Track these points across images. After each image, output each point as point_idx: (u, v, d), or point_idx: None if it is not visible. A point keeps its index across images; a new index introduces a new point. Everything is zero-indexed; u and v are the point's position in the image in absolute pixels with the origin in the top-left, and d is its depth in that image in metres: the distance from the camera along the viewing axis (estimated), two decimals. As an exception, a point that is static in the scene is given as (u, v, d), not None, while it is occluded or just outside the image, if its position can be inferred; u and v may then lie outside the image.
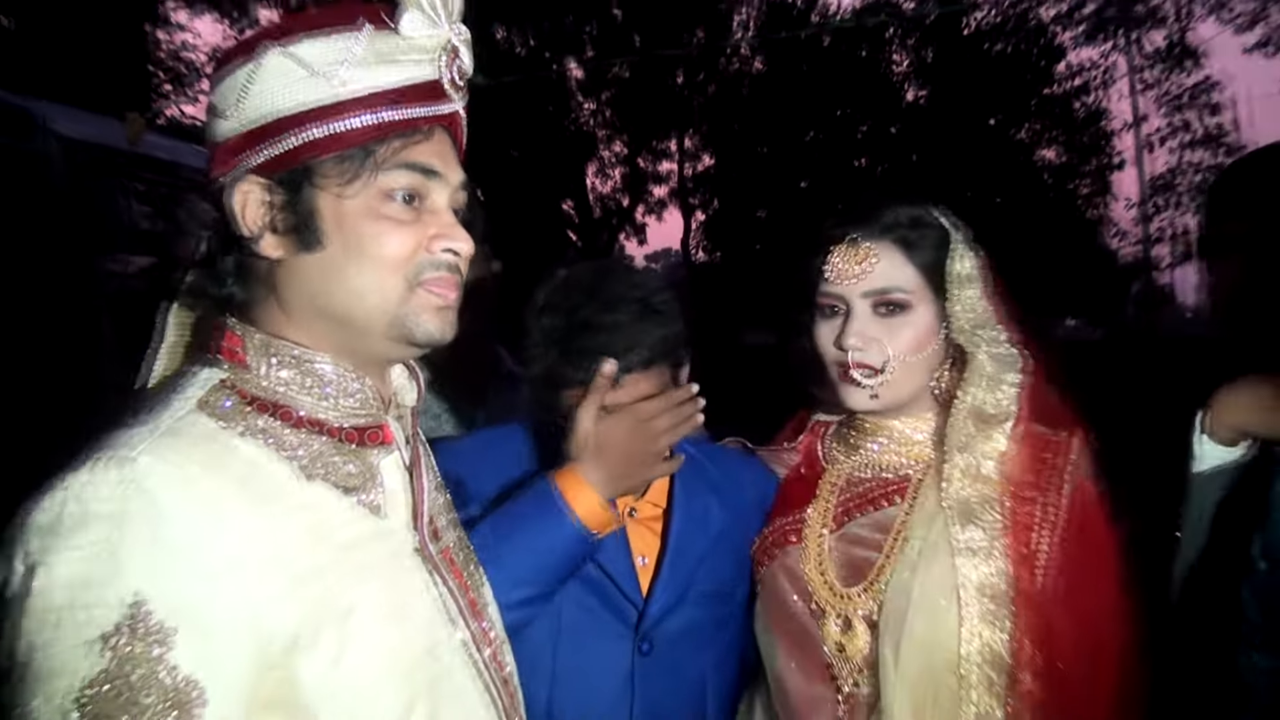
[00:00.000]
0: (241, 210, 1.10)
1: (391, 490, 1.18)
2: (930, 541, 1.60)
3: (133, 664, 0.92)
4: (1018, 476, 1.61)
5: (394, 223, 1.12)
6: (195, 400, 1.08)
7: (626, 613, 1.67)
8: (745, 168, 19.49)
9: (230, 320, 1.15)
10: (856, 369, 1.65)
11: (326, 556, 1.07)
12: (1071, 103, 18.62)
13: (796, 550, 1.72)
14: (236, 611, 0.98)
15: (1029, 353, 1.68)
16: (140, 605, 0.93)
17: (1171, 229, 16.90)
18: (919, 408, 1.73)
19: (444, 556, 1.24)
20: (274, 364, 1.12)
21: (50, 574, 0.93)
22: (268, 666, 0.99)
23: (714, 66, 19.57)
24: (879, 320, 1.65)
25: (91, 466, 0.97)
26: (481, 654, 1.23)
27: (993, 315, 1.68)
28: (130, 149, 3.45)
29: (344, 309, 1.12)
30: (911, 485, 1.70)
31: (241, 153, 1.10)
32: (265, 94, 1.09)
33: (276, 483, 1.06)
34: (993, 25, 18.06)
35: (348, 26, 1.10)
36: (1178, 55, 16.66)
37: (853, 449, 1.79)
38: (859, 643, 1.62)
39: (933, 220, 1.70)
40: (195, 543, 0.97)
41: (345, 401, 1.15)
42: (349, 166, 1.10)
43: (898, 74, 19.34)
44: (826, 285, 1.68)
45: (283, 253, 1.12)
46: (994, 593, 1.54)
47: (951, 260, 1.67)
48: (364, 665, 1.06)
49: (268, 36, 1.11)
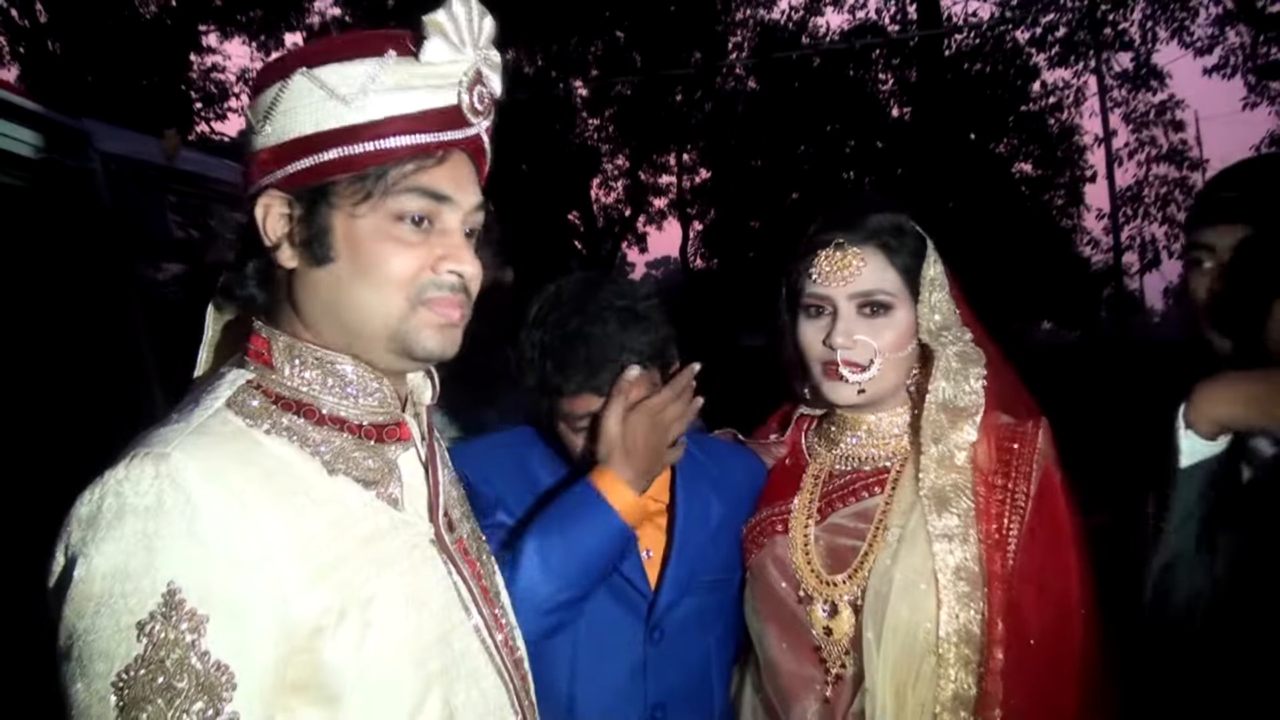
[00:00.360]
0: (263, 221, 1.11)
1: (409, 484, 1.18)
2: (909, 529, 1.61)
3: (167, 649, 0.92)
4: (987, 465, 1.62)
5: (401, 244, 1.11)
6: (224, 399, 1.08)
7: (637, 605, 1.67)
8: (740, 180, 19.47)
9: (257, 323, 1.15)
10: (845, 366, 1.65)
11: (349, 547, 1.07)
12: (1046, 119, 18.62)
13: (784, 540, 1.73)
14: (266, 599, 0.98)
15: (990, 349, 1.70)
16: (175, 594, 0.93)
17: (1140, 237, 16.91)
18: (893, 403, 1.73)
19: (458, 546, 1.25)
20: (298, 365, 1.13)
21: (89, 564, 0.94)
22: (294, 651, 1.00)
23: (711, 85, 19.55)
24: (864, 320, 1.66)
25: (128, 462, 0.97)
26: (494, 638, 1.23)
27: (957, 316, 1.70)
28: (166, 163, 3.45)
29: (350, 321, 1.12)
30: (890, 477, 1.70)
31: (267, 167, 1.11)
32: (289, 114, 1.09)
33: (302, 477, 1.06)
34: (972, 47, 18.06)
35: (373, 54, 1.10)
36: (1144, 76, 16.67)
37: (833, 443, 1.79)
38: (844, 626, 1.62)
39: (910, 228, 1.71)
40: (227, 534, 0.97)
41: (365, 400, 1.15)
42: (361, 188, 1.09)
43: (883, 93, 19.33)
44: (813, 287, 1.68)
45: (297, 264, 1.12)
46: (968, 575, 1.55)
47: (926, 265, 1.68)
48: (385, 649, 1.07)
49: (298, 59, 1.11)
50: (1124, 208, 16.25)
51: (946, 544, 1.57)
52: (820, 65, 18.11)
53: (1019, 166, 19.25)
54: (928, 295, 1.67)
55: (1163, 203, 16.70)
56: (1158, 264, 16.77)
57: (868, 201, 1.73)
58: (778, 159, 18.84)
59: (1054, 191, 19.37)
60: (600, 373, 1.59)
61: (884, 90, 19.38)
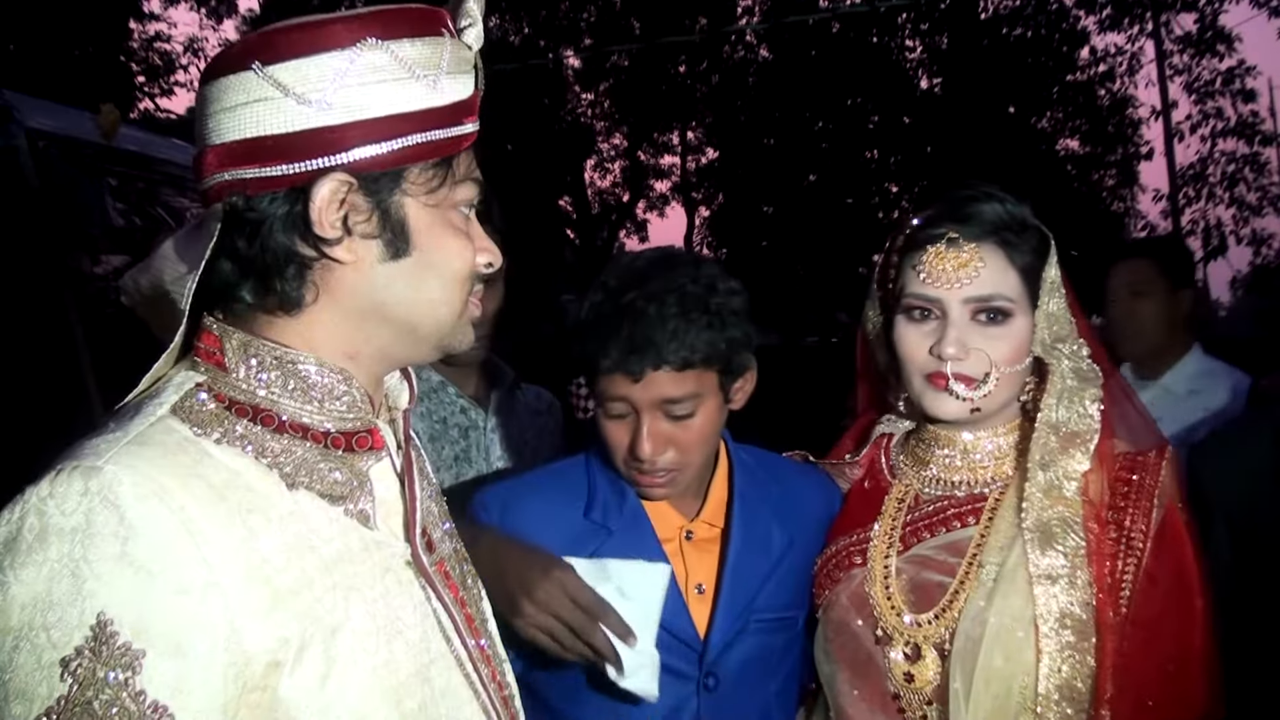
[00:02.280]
0: (324, 208, 1.06)
1: (382, 499, 1.17)
2: (1008, 567, 1.57)
3: (96, 689, 0.90)
4: (1101, 498, 1.57)
5: (462, 236, 1.15)
6: (170, 405, 1.06)
7: (684, 653, 1.64)
8: (751, 161, 19.48)
9: (208, 319, 1.13)
10: (956, 381, 1.61)
11: (311, 571, 1.05)
12: (1095, 90, 18.61)
13: (861, 573, 1.69)
14: (212, 631, 0.96)
15: (1106, 367, 1.66)
16: (105, 625, 0.91)
17: (1203, 221, 16.83)
18: (997, 421, 1.70)
19: (439, 570, 1.23)
20: (254, 365, 1.11)
21: (7, 593, 0.92)
22: (246, 689, 0.98)
23: (718, 55, 19.58)
24: (978, 328, 1.62)
25: (53, 478, 0.95)
26: (479, 672, 1.21)
27: (1074, 327, 1.65)
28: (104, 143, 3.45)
29: (408, 318, 1.14)
30: (987, 505, 1.66)
31: (330, 146, 1.06)
32: (364, 89, 1.06)
33: (257, 492, 1.04)
34: (1011, 9, 18.04)
35: (438, 32, 1.12)
36: (1209, 39, 16.61)
37: (921, 463, 1.75)
38: (928, 673, 1.59)
39: (1033, 223, 1.66)
40: (167, 559, 0.95)
41: (331, 405, 1.14)
42: (436, 175, 1.11)
43: (911, 61, 19.35)
44: (920, 287, 1.64)
45: (357, 257, 1.10)
46: (1075, 624, 1.51)
47: (1048, 267, 1.63)
48: (353, 685, 1.05)
49: (363, 28, 1.07)
50: (1185, 188, 16.23)
51: (1049, 586, 1.53)
52: (840, 31, 18.12)
53: (1065, 143, 19.28)
54: (1046, 301, 1.62)
55: (1229, 182, 16.63)
56: (1224, 251, 16.68)
57: (983, 191, 1.68)
58: (793, 137, 18.85)
59: (1105, 171, 19.41)
60: (639, 356, 1.56)
61: (912, 59, 19.41)
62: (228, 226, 1.07)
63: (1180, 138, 16.29)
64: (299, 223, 1.07)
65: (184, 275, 1.09)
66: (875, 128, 19.26)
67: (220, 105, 1.07)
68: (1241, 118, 16.64)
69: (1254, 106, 16.77)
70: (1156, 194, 17.35)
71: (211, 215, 1.07)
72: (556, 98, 19.63)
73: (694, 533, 1.74)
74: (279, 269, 1.09)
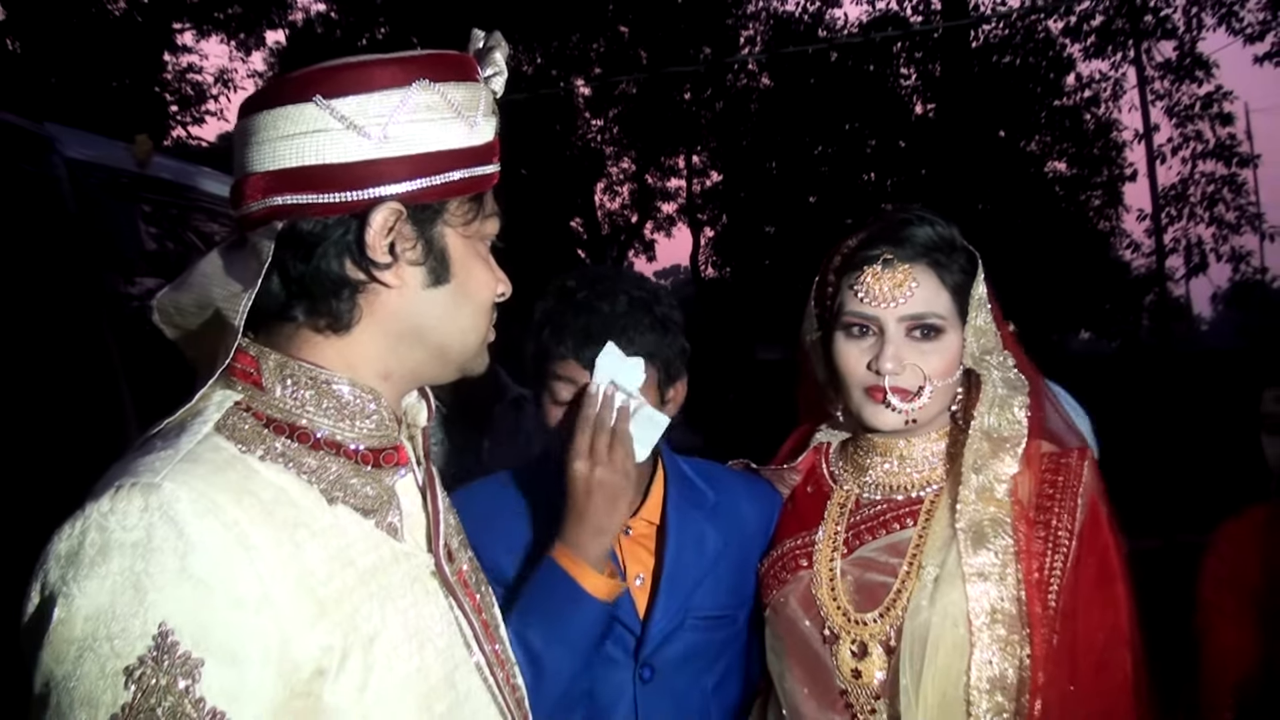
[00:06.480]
0: (379, 235, 1.08)
1: (408, 512, 1.18)
2: (948, 567, 1.59)
3: (159, 696, 0.91)
4: (1030, 499, 1.60)
5: (490, 266, 1.20)
6: (213, 423, 1.07)
7: (625, 640, 1.66)
8: (753, 183, 19.49)
9: (244, 340, 1.13)
10: (893, 394, 1.63)
11: (351, 581, 1.06)
12: (1081, 115, 18.58)
13: (808, 575, 1.71)
14: (265, 641, 0.97)
15: (1030, 375, 1.70)
16: (166, 636, 0.92)
17: (1185, 239, 16.76)
18: (930, 429, 1.72)
19: (459, 578, 1.24)
20: (290, 385, 1.12)
21: (71, 605, 0.93)
22: (294, 695, 0.99)
23: (721, 83, 19.60)
24: (913, 344, 1.64)
25: (114, 494, 0.96)
26: (495, 676, 1.23)
27: (999, 339, 1.69)
28: (139, 171, 3.47)
29: (442, 342, 1.18)
30: (924, 508, 1.69)
31: (384, 177, 1.08)
32: (415, 125, 1.09)
33: (301, 507, 1.06)
34: (1001, 38, 18.03)
35: (473, 79, 1.16)
36: (1188, 66, 16.59)
37: (860, 469, 1.78)
38: (874, 669, 1.61)
39: (961, 243, 1.69)
40: (223, 571, 0.96)
41: (362, 423, 1.15)
42: (471, 209, 1.15)
43: (906, 88, 19.33)
44: (859, 306, 1.66)
45: (401, 282, 1.12)
46: (1005, 619, 1.54)
47: (975, 284, 1.66)
48: (389, 691, 1.06)
49: (415, 69, 1.10)
50: (1167, 208, 16.14)
51: (982, 583, 1.56)
52: (838, 60, 18.15)
53: (1052, 165, 19.22)
54: (975, 317, 1.66)
55: (1209, 202, 16.55)
56: (1204, 268, 16.59)
57: (916, 214, 1.71)
58: (793, 160, 18.87)
59: (1091, 192, 19.33)
60: (594, 345, 1.61)
61: (906, 86, 19.40)
62: (279, 248, 1.08)
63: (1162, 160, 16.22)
64: (353, 248, 1.09)
65: (237, 294, 1.09)
66: (872, 151, 19.25)
67: (275, 133, 1.07)
68: (1220, 140, 16.59)
69: (1232, 129, 16.72)
70: (1140, 214, 17.30)
71: (264, 236, 1.08)
72: (568, 124, 19.68)
73: (632, 529, 1.76)
74: (334, 290, 1.11)
